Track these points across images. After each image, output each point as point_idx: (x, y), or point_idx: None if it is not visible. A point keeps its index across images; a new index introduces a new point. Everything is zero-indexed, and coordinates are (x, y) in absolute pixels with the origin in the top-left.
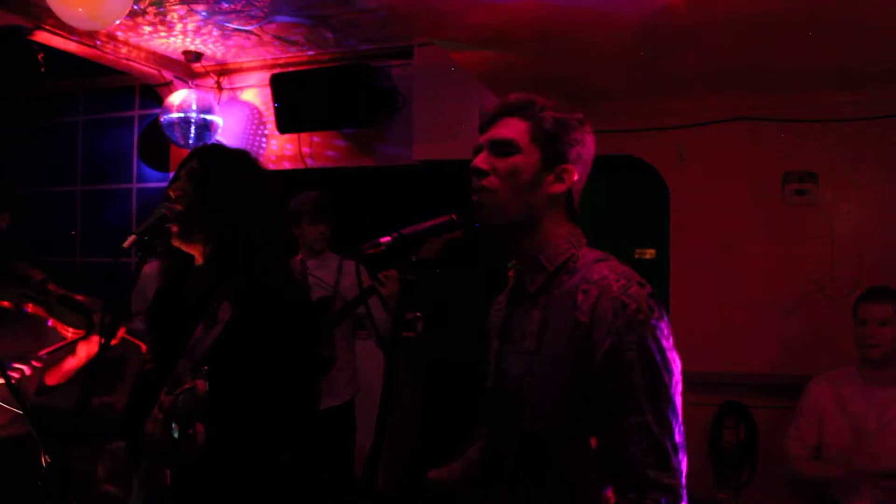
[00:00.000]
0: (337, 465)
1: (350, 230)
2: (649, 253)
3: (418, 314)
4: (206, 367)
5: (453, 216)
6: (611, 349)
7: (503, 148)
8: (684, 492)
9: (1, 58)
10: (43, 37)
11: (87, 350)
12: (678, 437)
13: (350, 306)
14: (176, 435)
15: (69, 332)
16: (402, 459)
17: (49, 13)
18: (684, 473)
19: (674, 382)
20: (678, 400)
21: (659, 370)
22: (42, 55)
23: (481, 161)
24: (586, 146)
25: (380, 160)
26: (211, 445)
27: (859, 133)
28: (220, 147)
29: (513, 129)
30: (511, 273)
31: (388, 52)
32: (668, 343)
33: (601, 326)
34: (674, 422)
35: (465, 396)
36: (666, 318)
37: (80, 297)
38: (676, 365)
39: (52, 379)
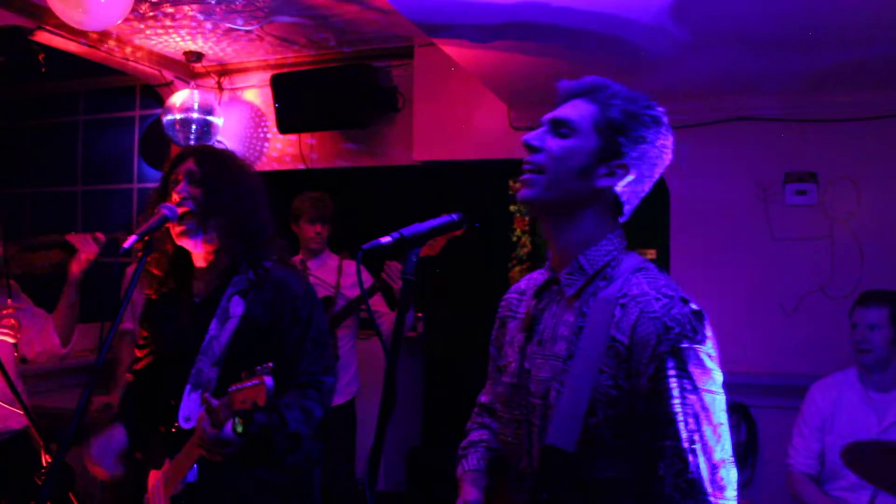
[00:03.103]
0: (338, 464)
1: (350, 230)
2: (649, 253)
3: (418, 314)
4: (270, 365)
5: (454, 216)
6: (653, 374)
7: (561, 128)
8: None
9: (1, 58)
10: (43, 37)
11: (78, 266)
12: (719, 456)
13: (352, 305)
14: (240, 429)
15: (41, 265)
16: (402, 459)
17: (49, 13)
18: (727, 487)
19: (717, 402)
20: (722, 418)
21: (700, 394)
22: (42, 55)
23: (534, 137)
24: (656, 147)
25: (380, 160)
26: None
27: (859, 133)
28: (211, 147)
29: (577, 110)
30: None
31: (388, 52)
32: (712, 363)
33: (643, 350)
34: (714, 443)
35: (466, 396)
36: (710, 336)
37: (38, 237)
38: (719, 384)
39: (59, 319)
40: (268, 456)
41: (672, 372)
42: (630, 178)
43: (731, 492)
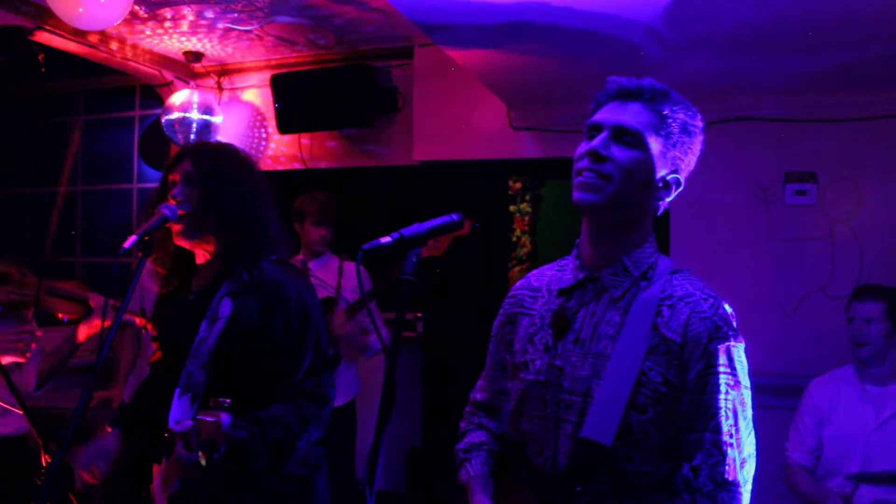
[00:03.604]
0: (338, 465)
1: (350, 230)
2: None
3: (418, 314)
4: (227, 401)
5: (454, 216)
6: (702, 370)
7: (625, 136)
8: (746, 497)
9: (1, 58)
10: (43, 37)
11: (87, 331)
12: (748, 450)
13: (353, 308)
14: (203, 463)
15: (60, 316)
16: (402, 459)
17: (49, 13)
18: (748, 482)
19: (749, 398)
20: (750, 414)
21: (740, 390)
22: (42, 55)
23: (601, 145)
24: (696, 156)
25: (380, 160)
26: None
27: (859, 133)
28: (209, 145)
29: (641, 119)
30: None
31: (388, 52)
32: (746, 361)
33: (695, 348)
34: (746, 436)
35: (466, 396)
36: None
37: (65, 284)
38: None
39: (46, 364)
40: (249, 470)
41: (721, 368)
42: (680, 189)
43: (749, 485)
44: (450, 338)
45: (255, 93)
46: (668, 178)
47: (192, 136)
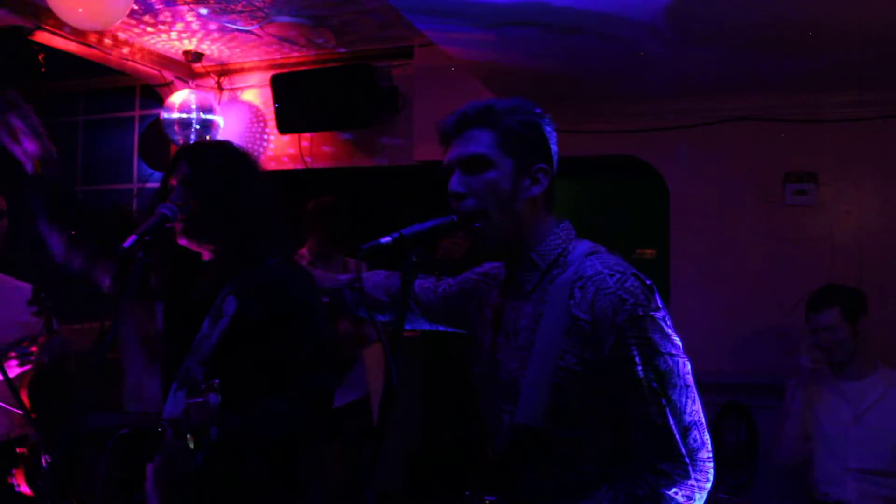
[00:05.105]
0: (346, 464)
1: (350, 230)
2: (649, 253)
3: None
4: (217, 381)
5: (454, 216)
6: (614, 344)
7: (473, 165)
8: (701, 465)
9: (1, 58)
10: (43, 37)
11: None
12: (689, 418)
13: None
14: (192, 446)
15: None
16: (402, 459)
17: (49, 13)
18: (702, 449)
19: (681, 364)
20: (689, 381)
21: (664, 358)
22: (42, 55)
23: (456, 184)
24: (552, 141)
25: (380, 160)
26: (223, 444)
27: (859, 133)
28: (206, 145)
29: (479, 142)
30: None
31: (388, 52)
32: (669, 329)
33: (603, 324)
34: (684, 404)
35: (466, 397)
36: (663, 306)
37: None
38: (680, 348)
39: None
40: (242, 466)
41: (632, 340)
42: (550, 176)
43: (706, 453)
44: (450, 338)
45: (255, 93)
46: (534, 171)
47: (192, 136)
